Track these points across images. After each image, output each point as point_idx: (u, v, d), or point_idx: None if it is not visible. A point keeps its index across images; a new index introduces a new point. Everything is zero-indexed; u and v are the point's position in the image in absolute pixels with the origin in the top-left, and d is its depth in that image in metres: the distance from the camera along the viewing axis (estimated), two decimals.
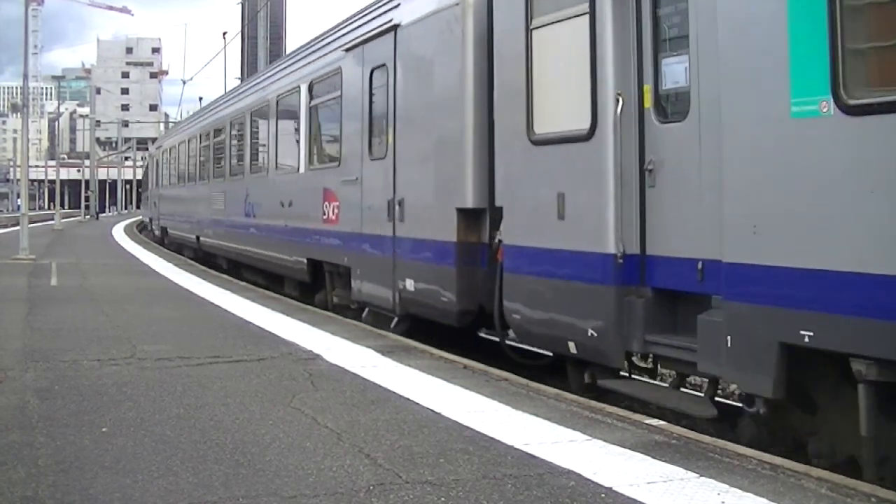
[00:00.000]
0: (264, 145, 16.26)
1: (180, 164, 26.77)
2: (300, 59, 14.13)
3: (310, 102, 13.08)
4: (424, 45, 9.25)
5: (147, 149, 55.58)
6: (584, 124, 6.61)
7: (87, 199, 63.56)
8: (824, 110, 4.77)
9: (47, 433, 5.05)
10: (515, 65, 7.44)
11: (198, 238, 22.30)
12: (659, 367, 7.07)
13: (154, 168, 34.85)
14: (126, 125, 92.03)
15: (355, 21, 11.44)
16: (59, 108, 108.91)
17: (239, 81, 44.18)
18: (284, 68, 15.22)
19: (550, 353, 7.99)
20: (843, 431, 5.11)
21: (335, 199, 11.65)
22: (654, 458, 4.67)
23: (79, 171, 77.19)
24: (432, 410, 5.72)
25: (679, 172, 6.04)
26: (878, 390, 4.66)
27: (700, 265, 5.81)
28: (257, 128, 16.98)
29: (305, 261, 12.84)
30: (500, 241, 7.75)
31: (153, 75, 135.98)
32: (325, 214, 11.95)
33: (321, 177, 12.34)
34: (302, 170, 13.35)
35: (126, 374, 6.83)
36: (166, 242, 28.19)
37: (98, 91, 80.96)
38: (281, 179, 14.70)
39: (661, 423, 5.51)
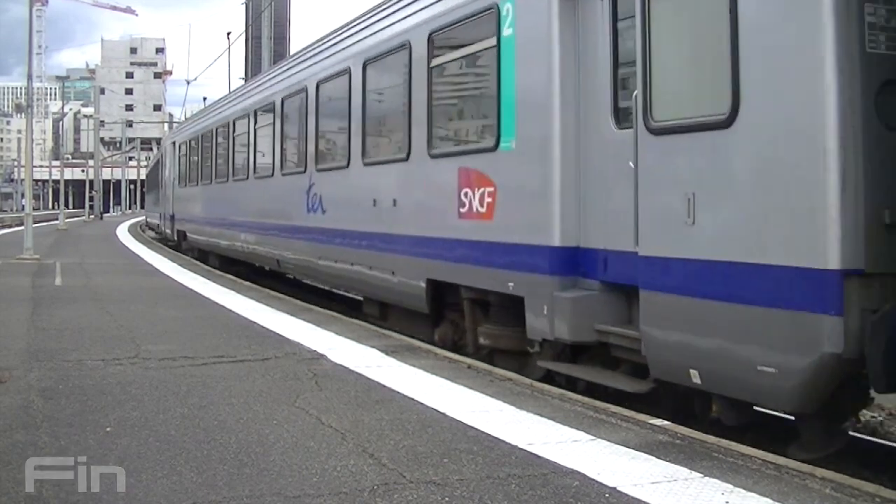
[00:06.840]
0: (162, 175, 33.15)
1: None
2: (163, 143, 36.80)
3: (173, 155, 27.70)
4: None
5: (151, 149, 65.54)
6: None
7: (91, 199, 63.70)
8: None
9: (51, 433, 5.06)
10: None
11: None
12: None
13: None
14: (130, 125, 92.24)
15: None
16: (63, 108, 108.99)
17: (243, 81, 49.38)
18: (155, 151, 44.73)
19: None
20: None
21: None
22: (658, 457, 4.67)
23: (83, 171, 77.22)
24: (436, 410, 5.73)
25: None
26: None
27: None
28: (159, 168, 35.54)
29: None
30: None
31: (157, 75, 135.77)
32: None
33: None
34: (178, 186, 27.07)
35: (130, 374, 6.85)
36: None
37: (102, 91, 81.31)
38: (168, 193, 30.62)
39: (666, 423, 5.50)
